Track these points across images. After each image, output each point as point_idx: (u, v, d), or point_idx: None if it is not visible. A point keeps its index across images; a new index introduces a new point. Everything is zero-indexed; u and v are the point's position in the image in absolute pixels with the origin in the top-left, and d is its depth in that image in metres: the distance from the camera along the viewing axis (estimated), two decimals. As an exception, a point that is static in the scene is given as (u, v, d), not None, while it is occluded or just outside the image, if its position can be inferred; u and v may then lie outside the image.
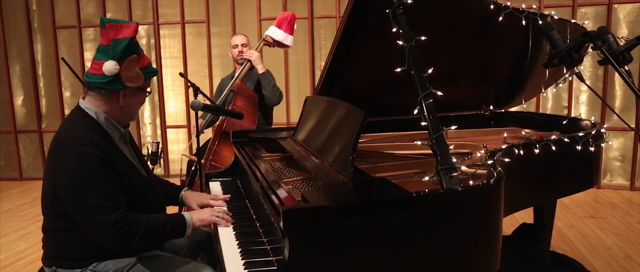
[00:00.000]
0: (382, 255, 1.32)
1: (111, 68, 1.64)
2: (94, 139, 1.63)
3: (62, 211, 1.65)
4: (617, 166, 4.83)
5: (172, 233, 1.72)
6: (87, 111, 1.72)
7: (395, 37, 1.72)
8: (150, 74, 1.76)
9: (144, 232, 1.62)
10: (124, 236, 1.58)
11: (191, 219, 1.74)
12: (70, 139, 1.63)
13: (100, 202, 1.57)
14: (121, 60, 1.66)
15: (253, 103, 3.48)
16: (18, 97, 5.66)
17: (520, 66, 2.66)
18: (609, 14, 4.60)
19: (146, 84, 1.78)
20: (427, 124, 1.59)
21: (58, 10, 5.45)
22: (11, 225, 4.08)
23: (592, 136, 2.20)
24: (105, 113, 1.73)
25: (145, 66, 1.73)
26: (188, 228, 1.73)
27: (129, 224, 1.59)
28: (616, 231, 3.57)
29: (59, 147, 1.65)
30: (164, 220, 1.69)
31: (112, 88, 1.69)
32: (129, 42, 1.66)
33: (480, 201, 1.46)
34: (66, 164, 1.60)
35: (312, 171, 1.80)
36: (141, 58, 1.72)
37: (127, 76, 1.67)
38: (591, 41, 1.55)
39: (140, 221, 1.62)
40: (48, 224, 1.76)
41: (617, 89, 4.71)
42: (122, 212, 1.59)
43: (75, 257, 1.71)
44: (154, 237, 1.69)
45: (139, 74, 1.69)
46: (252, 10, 5.25)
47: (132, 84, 1.69)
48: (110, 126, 1.75)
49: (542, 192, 2.19)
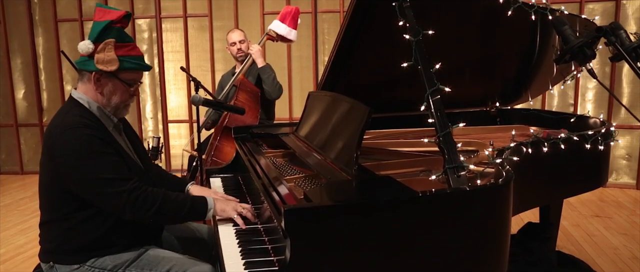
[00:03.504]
0: (387, 256, 1.28)
1: (84, 47, 1.63)
2: (86, 123, 1.63)
3: (57, 201, 1.64)
4: (623, 164, 4.77)
5: (191, 212, 1.69)
6: (79, 101, 1.71)
7: (401, 31, 1.68)
8: (130, 63, 1.69)
9: (162, 204, 1.61)
10: (142, 206, 1.58)
11: (214, 204, 1.73)
12: (63, 126, 1.62)
13: (111, 175, 1.58)
14: (97, 42, 1.64)
15: (255, 98, 3.44)
16: (19, 91, 5.63)
17: (527, 62, 2.61)
18: (617, 10, 4.54)
19: (126, 76, 1.71)
20: (434, 121, 1.54)
21: (59, 3, 5.41)
22: (11, 219, 4.06)
23: (602, 134, 2.16)
24: (96, 102, 1.71)
25: (129, 55, 1.68)
26: (209, 212, 1.72)
27: (145, 194, 1.60)
28: (622, 231, 3.52)
29: (52, 135, 1.63)
30: (183, 198, 1.69)
31: (84, 68, 1.68)
32: (108, 26, 1.64)
33: (489, 201, 1.41)
34: (65, 150, 1.59)
35: (315, 169, 1.76)
36: (126, 46, 1.68)
37: (99, 58, 1.63)
38: (605, 36, 1.50)
39: (157, 193, 1.62)
40: (45, 216, 1.74)
41: (625, 86, 4.65)
42: (136, 181, 1.60)
43: (72, 250, 1.68)
44: (172, 212, 1.66)
45: (113, 59, 1.64)
46: (255, 4, 5.20)
47: (104, 67, 1.64)
48: (103, 116, 1.73)
49: (550, 191, 2.15)
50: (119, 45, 1.66)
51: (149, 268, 1.70)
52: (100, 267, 1.69)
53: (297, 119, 2.74)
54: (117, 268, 1.69)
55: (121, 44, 1.66)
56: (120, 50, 1.66)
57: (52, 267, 1.71)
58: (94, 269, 1.68)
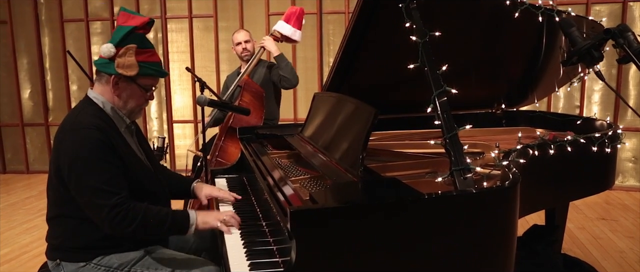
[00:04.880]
0: (393, 258, 1.27)
1: (106, 50, 1.66)
2: (99, 125, 1.64)
3: (66, 196, 1.65)
4: (629, 167, 4.75)
5: (172, 228, 1.67)
6: (94, 100, 1.74)
7: (408, 32, 1.67)
8: (149, 69, 1.71)
9: (142, 221, 1.59)
10: (120, 222, 1.57)
11: (196, 219, 1.70)
12: (76, 123, 1.64)
13: (100, 185, 1.57)
14: (119, 46, 1.66)
15: (260, 99, 3.44)
16: (25, 90, 5.66)
17: (534, 64, 2.60)
18: (624, 12, 4.51)
19: (144, 81, 1.73)
20: (441, 123, 1.53)
21: (66, 3, 5.43)
22: (17, 218, 4.07)
23: (609, 136, 2.14)
24: (110, 103, 1.74)
25: (148, 61, 1.71)
26: (191, 227, 1.68)
27: (126, 211, 1.57)
28: (629, 234, 3.50)
29: (64, 130, 1.66)
30: (165, 213, 1.66)
31: (105, 71, 1.70)
32: (131, 31, 1.67)
33: (496, 204, 1.40)
34: (70, 146, 1.61)
35: (321, 170, 1.75)
36: (146, 52, 1.70)
37: (120, 62, 1.67)
38: (613, 38, 1.49)
39: (138, 209, 1.60)
40: (52, 211, 1.75)
41: (631, 88, 4.62)
42: (122, 198, 1.58)
43: (79, 246, 1.69)
44: (152, 228, 1.63)
45: (133, 63, 1.67)
46: (260, 5, 5.20)
47: (123, 72, 1.67)
48: (117, 117, 1.75)
49: (556, 194, 2.13)
50: (140, 51, 1.68)
51: (154, 267, 1.71)
52: (106, 266, 1.69)
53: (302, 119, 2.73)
54: (123, 267, 1.70)
55: (142, 50, 1.69)
56: (141, 56, 1.69)
57: (59, 265, 1.71)
58: (100, 267, 1.69)
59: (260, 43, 3.54)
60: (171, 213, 1.68)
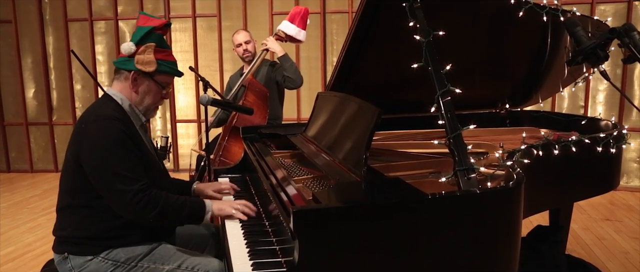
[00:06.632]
0: (396, 258, 1.27)
1: (127, 48, 1.77)
2: (118, 117, 1.72)
3: (81, 186, 1.70)
4: (634, 167, 4.72)
5: (190, 215, 1.75)
6: (113, 97, 1.81)
7: (411, 31, 1.66)
8: (166, 67, 1.82)
9: (163, 208, 1.67)
10: (143, 208, 1.63)
11: (211, 206, 1.79)
12: (99, 115, 1.71)
13: (124, 172, 1.64)
14: (139, 44, 1.78)
15: (264, 98, 3.43)
16: (29, 90, 5.67)
17: (538, 64, 2.58)
18: (629, 11, 4.49)
19: (161, 79, 1.83)
20: (445, 123, 1.53)
21: (70, 3, 5.45)
22: (21, 217, 4.09)
23: (614, 136, 2.13)
24: (128, 99, 1.81)
25: (166, 60, 1.82)
26: (207, 214, 1.77)
27: (148, 197, 1.64)
28: (633, 235, 3.48)
29: (86, 121, 1.72)
30: (183, 201, 1.74)
31: (125, 67, 1.79)
32: (151, 31, 1.78)
33: (500, 204, 1.39)
34: (95, 134, 1.67)
35: (324, 169, 1.75)
36: (164, 52, 1.82)
37: (139, 59, 1.77)
38: (618, 38, 1.48)
39: (160, 196, 1.68)
40: (64, 201, 1.78)
41: (636, 88, 4.60)
42: (144, 184, 1.66)
43: (87, 237, 1.71)
44: (172, 215, 1.71)
45: (152, 60, 1.78)
46: (264, 5, 5.20)
47: (142, 68, 1.77)
48: (134, 114, 1.83)
49: (560, 194, 2.12)
50: (159, 49, 1.80)
51: (160, 262, 1.73)
52: (113, 260, 1.71)
53: (305, 119, 2.73)
54: (130, 261, 1.72)
55: (160, 49, 1.81)
56: (159, 54, 1.80)
57: (66, 258, 1.72)
58: (107, 261, 1.70)
59: (263, 46, 3.52)
60: (189, 201, 1.77)
